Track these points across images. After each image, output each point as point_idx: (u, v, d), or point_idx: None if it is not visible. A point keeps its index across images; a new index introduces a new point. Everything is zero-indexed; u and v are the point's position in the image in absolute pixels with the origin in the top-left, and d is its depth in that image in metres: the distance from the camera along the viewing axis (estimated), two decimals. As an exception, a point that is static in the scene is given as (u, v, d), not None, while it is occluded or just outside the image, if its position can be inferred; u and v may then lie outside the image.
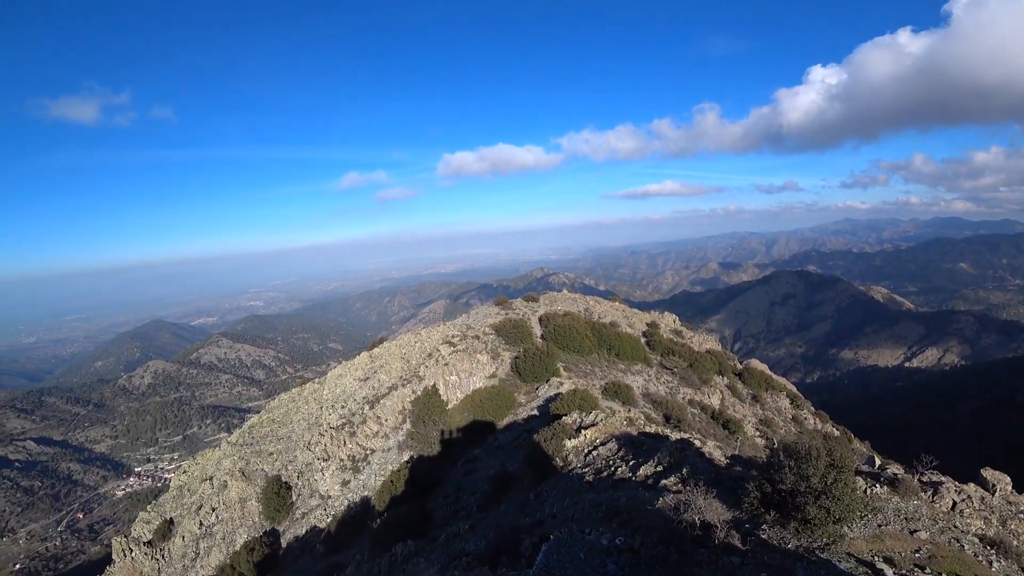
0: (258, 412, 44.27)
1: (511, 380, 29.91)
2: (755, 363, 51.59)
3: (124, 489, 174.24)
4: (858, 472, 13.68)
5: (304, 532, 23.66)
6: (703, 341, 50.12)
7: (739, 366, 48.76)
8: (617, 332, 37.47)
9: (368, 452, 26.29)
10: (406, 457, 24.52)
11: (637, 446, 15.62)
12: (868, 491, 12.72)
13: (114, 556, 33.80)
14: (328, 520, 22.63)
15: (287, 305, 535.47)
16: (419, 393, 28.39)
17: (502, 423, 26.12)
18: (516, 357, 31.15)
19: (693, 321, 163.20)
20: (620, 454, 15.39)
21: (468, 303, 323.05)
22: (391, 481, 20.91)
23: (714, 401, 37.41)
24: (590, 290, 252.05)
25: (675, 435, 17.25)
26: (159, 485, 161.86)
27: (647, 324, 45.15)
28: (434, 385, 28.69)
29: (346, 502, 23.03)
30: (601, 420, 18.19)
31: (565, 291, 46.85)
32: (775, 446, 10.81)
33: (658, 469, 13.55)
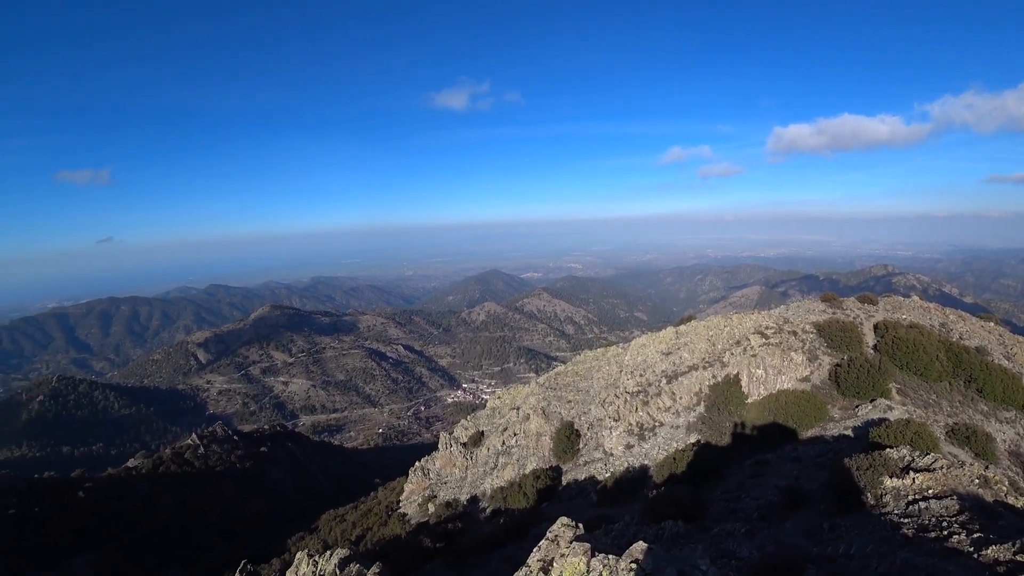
0: (564, 362, 48.67)
1: (826, 389, 26.27)
2: None
3: (453, 398, 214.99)
4: None
5: (583, 478, 25.47)
6: None
7: None
8: (985, 362, 28.96)
9: (657, 424, 26.67)
10: (692, 439, 24.10)
11: (990, 516, 12.11)
12: None
13: (440, 445, 42.43)
14: (606, 475, 23.95)
15: (602, 270, 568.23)
16: (719, 379, 27.26)
17: (805, 434, 23.32)
18: (837, 364, 27.07)
19: None
20: (961, 518, 12.16)
21: (786, 293, 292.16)
22: (673, 458, 20.90)
23: None
24: (951, 300, 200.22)
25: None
26: (476, 402, 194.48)
27: (1040, 361, 33.87)
28: (737, 374, 27.13)
29: (626, 464, 24.01)
30: (941, 468, 14.61)
31: (915, 297, 37.98)
32: None
33: (1018, 557, 10.31)
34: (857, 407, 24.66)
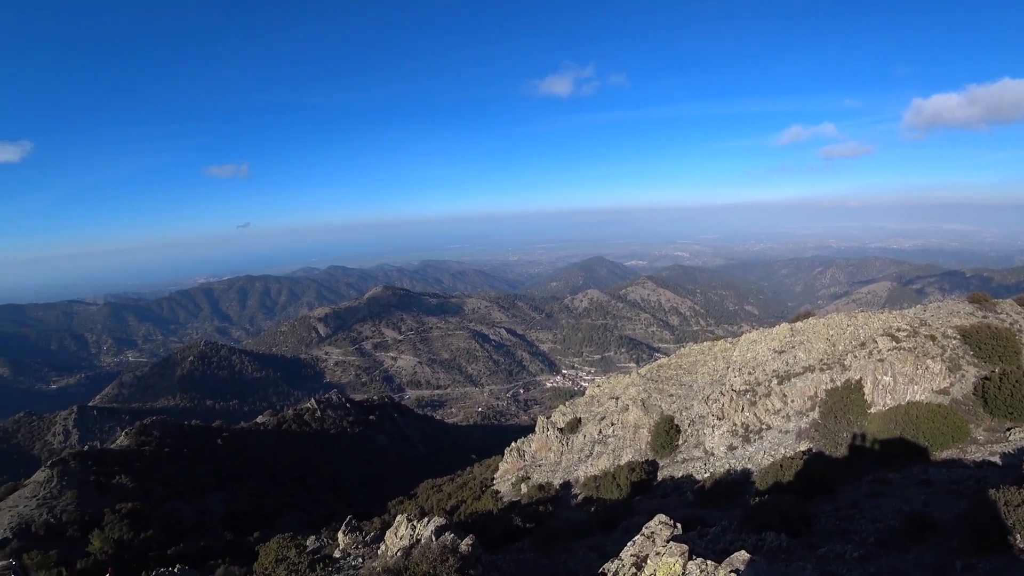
0: (667, 354, 47.14)
1: (968, 405, 23.11)
2: None
3: (552, 383, 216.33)
4: None
5: (679, 476, 24.56)
6: None
7: None
8: None
9: (763, 427, 25.03)
10: (803, 447, 22.31)
11: None
12: None
13: (536, 428, 42.86)
14: (705, 476, 22.89)
15: (710, 260, 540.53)
16: (838, 384, 24.87)
17: (938, 455, 20.74)
18: (986, 378, 23.61)
19: None
20: None
21: (923, 291, 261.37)
22: (780, 465, 19.50)
23: None
24: None
25: None
26: (575, 388, 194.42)
27: None
28: (859, 380, 24.57)
29: (727, 465, 22.78)
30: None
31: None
32: None
33: None
34: (1008, 430, 21.50)
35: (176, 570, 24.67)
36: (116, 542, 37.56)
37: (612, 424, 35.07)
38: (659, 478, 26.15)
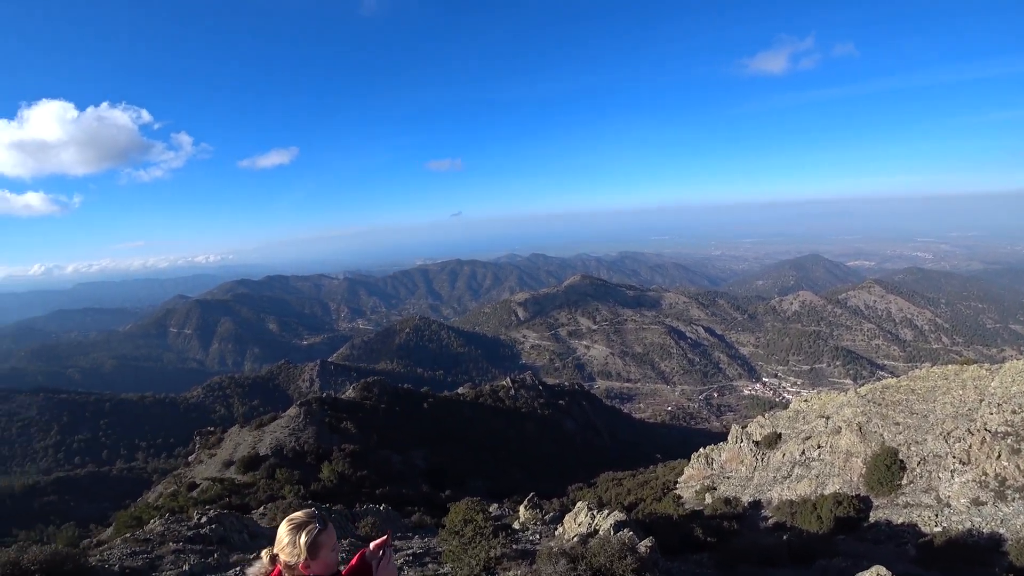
0: (895, 374, 40.71)
1: None
2: None
3: (750, 390, 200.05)
4: None
5: (899, 521, 21.00)
6: None
7: None
8: None
9: (1026, 482, 20.09)
10: (1088, 517, 17.38)
11: None
12: None
13: (729, 437, 40.12)
14: (935, 529, 19.14)
15: (962, 263, 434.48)
16: None
17: None
18: None
19: None
20: None
21: None
22: (1051, 536, 15.44)
23: None
24: None
25: None
26: (776, 400, 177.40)
27: None
28: None
29: (968, 523, 18.68)
30: None
31: None
32: None
33: None
34: None
35: (382, 508, 28.62)
36: (339, 475, 44.78)
37: (818, 446, 31.26)
38: (871, 519, 22.61)
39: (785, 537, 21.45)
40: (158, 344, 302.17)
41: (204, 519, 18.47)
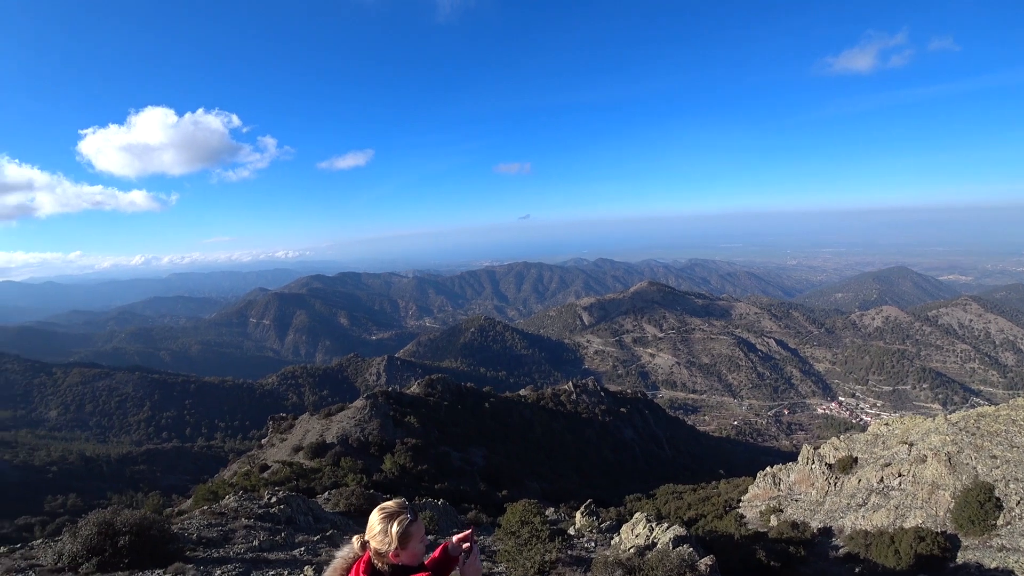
0: (991, 400, 37.42)
1: None
2: None
3: (824, 409, 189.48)
4: None
5: (991, 566, 19.25)
6: None
7: None
8: None
9: None
10: None
11: None
12: None
13: (799, 458, 38.09)
14: (1037, 573, 17.49)
15: None
16: None
17: None
18: None
19: None
20: None
21: None
22: None
23: None
24: None
25: None
26: (853, 421, 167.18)
27: None
28: None
29: (1076, 571, 16.98)
30: None
31: None
32: None
33: None
34: None
35: (440, 503, 29.18)
36: (400, 467, 46.06)
37: (899, 475, 29.16)
38: (958, 560, 20.85)
39: (857, 570, 20.26)
40: (239, 332, 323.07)
41: (274, 499, 19.46)
